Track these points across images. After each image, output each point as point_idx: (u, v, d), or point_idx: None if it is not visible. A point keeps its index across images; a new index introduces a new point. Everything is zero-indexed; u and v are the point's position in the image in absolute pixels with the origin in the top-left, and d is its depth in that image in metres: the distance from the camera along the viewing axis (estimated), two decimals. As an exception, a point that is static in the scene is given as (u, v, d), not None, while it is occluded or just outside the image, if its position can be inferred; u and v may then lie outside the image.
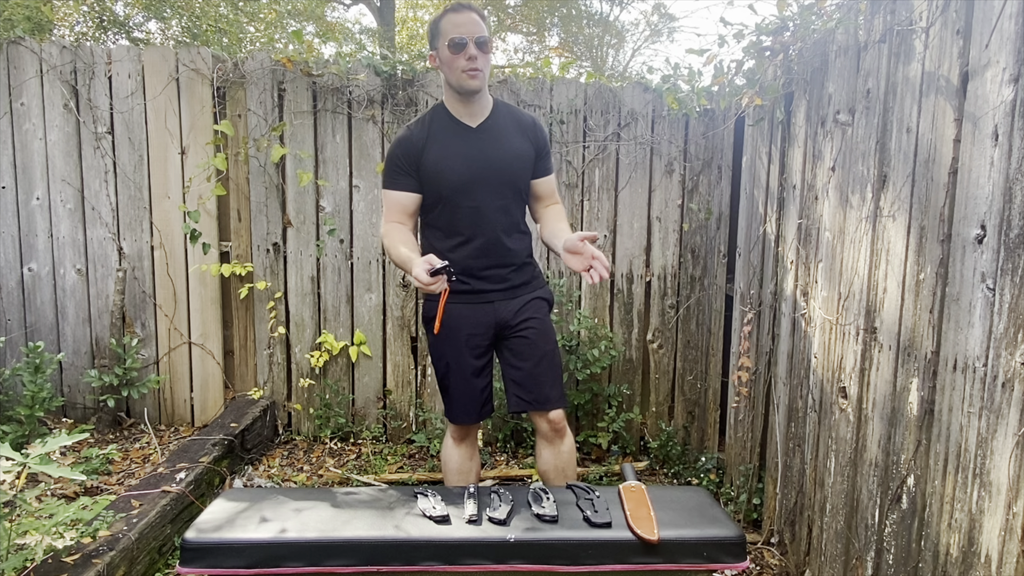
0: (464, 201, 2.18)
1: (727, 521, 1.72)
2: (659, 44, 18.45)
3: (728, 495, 3.05)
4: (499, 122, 2.24)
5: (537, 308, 2.30)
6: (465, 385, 2.27)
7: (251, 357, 3.67)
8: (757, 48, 2.64)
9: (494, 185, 2.20)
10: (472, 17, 2.10)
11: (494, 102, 2.26)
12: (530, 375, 2.25)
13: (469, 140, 2.20)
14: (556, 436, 2.30)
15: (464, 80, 2.11)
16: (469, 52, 2.08)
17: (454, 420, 2.32)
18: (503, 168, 2.21)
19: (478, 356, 2.27)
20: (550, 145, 2.35)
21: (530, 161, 2.28)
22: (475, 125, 2.21)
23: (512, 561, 1.62)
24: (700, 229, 3.51)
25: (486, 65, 2.13)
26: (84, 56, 3.47)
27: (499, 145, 2.21)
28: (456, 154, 2.18)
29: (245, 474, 3.20)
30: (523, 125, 2.28)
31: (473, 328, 2.24)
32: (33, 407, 3.07)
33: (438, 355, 2.30)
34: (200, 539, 1.60)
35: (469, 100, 2.18)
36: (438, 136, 2.20)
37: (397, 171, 2.22)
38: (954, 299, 1.53)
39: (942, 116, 1.59)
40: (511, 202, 2.25)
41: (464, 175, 2.17)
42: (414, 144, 2.20)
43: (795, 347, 2.47)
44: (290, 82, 3.47)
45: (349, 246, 3.57)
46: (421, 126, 2.23)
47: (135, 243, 3.58)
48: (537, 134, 2.30)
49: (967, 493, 1.49)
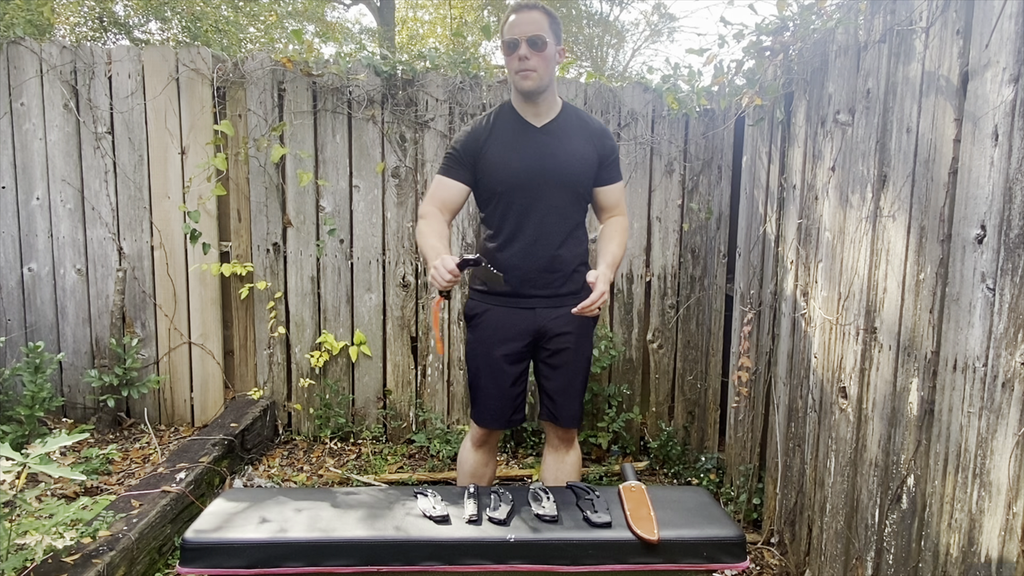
0: (517, 199, 2.16)
1: (727, 521, 1.72)
2: (659, 44, 18.45)
3: (728, 495, 3.05)
4: (564, 124, 2.21)
5: (580, 322, 2.24)
6: (496, 390, 2.25)
7: (251, 357, 3.67)
8: (757, 48, 2.64)
9: (550, 186, 2.17)
10: (528, 17, 2.08)
11: (563, 105, 2.25)
12: (561, 390, 2.27)
13: (530, 138, 2.18)
14: (563, 446, 2.34)
15: (518, 81, 2.12)
16: (520, 53, 2.07)
17: (479, 422, 2.29)
18: (561, 169, 2.17)
19: (513, 362, 2.23)
20: (617, 154, 2.30)
21: (592, 166, 2.22)
22: (539, 125, 2.20)
23: (512, 561, 1.62)
24: (700, 229, 3.51)
25: (541, 65, 2.09)
26: (84, 56, 3.47)
27: (560, 146, 2.18)
28: (514, 151, 2.17)
29: (245, 474, 3.20)
30: (590, 130, 2.24)
31: (509, 333, 2.21)
32: (33, 407, 3.07)
33: (472, 354, 2.28)
34: (200, 539, 1.60)
35: (533, 100, 2.17)
36: (500, 132, 2.19)
37: (455, 160, 2.21)
38: (954, 299, 1.53)
39: (942, 116, 1.59)
40: (567, 206, 2.21)
41: (519, 172, 2.15)
42: (477, 137, 2.20)
43: (795, 347, 2.47)
44: (290, 82, 3.47)
45: (349, 246, 3.57)
46: (487, 121, 2.23)
47: (135, 243, 3.58)
48: (604, 141, 2.25)
49: (967, 493, 1.49)
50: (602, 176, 2.27)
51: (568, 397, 2.28)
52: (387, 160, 3.51)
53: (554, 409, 2.29)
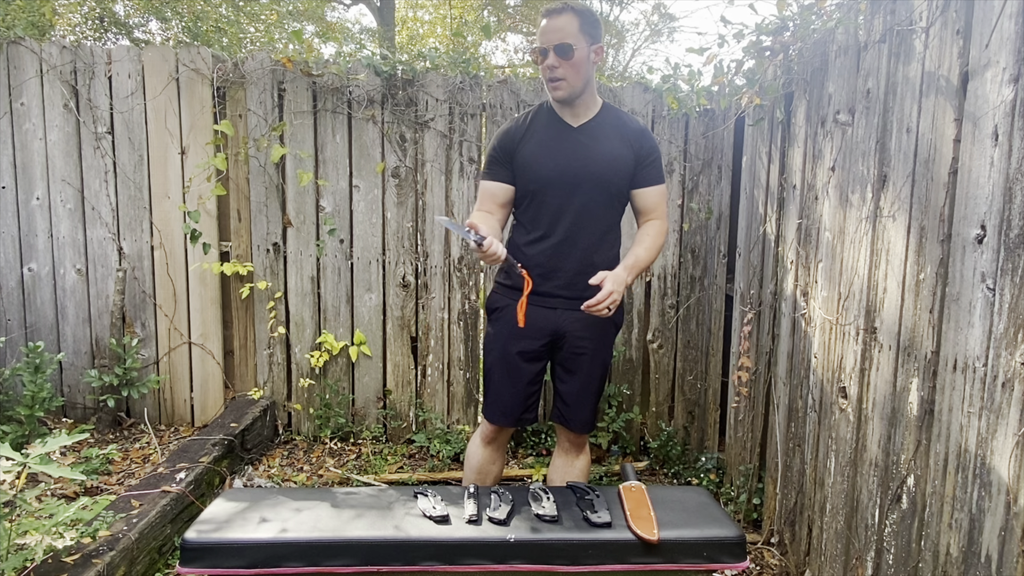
0: (549, 197, 2.16)
1: (727, 521, 1.72)
2: (659, 44, 18.44)
3: (728, 495, 3.05)
4: (601, 124, 2.20)
5: (601, 327, 2.22)
6: (509, 386, 2.24)
7: (251, 357, 3.67)
8: (757, 48, 2.64)
9: (583, 185, 2.15)
10: (557, 23, 2.04)
11: (603, 105, 2.23)
12: (576, 395, 2.26)
13: (566, 138, 2.18)
14: (574, 449, 2.35)
15: (549, 90, 2.12)
16: (548, 62, 2.06)
17: (489, 418, 2.29)
18: (594, 170, 2.15)
19: (529, 360, 2.23)
20: (658, 155, 2.25)
21: (627, 168, 2.19)
22: (576, 125, 2.20)
23: (512, 561, 1.62)
24: (700, 229, 3.51)
25: (571, 73, 2.06)
26: (84, 56, 3.47)
27: (595, 146, 2.17)
28: (549, 149, 2.17)
29: (245, 474, 3.20)
30: (627, 131, 2.21)
31: (530, 332, 2.19)
32: (33, 407, 3.07)
33: (489, 348, 2.28)
34: (200, 539, 1.60)
35: (569, 102, 2.16)
36: (536, 131, 2.19)
37: (493, 161, 2.22)
38: (954, 299, 1.53)
39: (942, 116, 1.59)
40: (601, 207, 2.18)
41: (552, 170, 2.15)
42: (512, 136, 2.20)
43: (795, 347, 2.47)
44: (290, 82, 3.47)
45: (349, 246, 3.57)
46: (524, 119, 2.23)
47: (135, 243, 3.58)
48: (642, 142, 2.21)
49: (967, 493, 1.49)
50: (640, 178, 2.23)
51: (582, 402, 2.27)
52: (387, 160, 3.51)
53: (567, 413, 2.28)
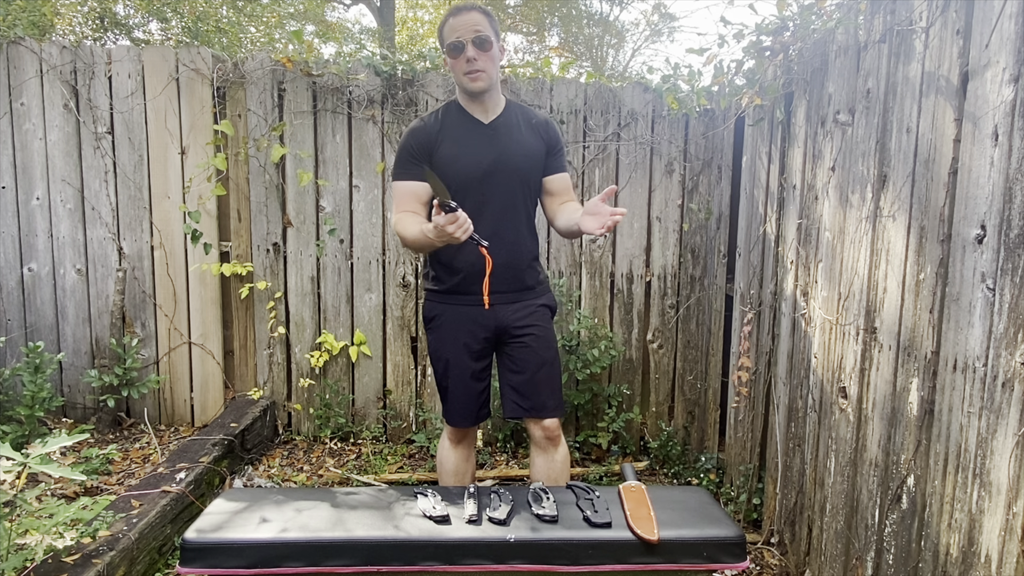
0: (472, 196, 2.16)
1: (727, 521, 1.72)
2: (659, 44, 18.45)
3: (728, 495, 3.05)
4: (511, 119, 2.24)
5: (540, 316, 2.27)
6: (463, 388, 2.26)
7: (251, 357, 3.67)
8: (757, 48, 2.64)
9: (503, 181, 2.19)
10: (470, 18, 2.09)
11: (507, 101, 2.27)
12: (528, 382, 2.24)
13: (481, 135, 2.20)
14: (550, 444, 2.28)
15: (466, 82, 2.13)
16: (467, 55, 2.08)
17: (451, 422, 2.32)
18: (513, 164, 2.20)
19: (477, 359, 2.26)
20: (563, 143, 2.35)
21: (541, 158, 2.27)
22: (487, 121, 2.22)
23: (512, 561, 1.62)
24: (700, 229, 3.51)
25: (488, 64, 2.11)
26: (84, 56, 3.47)
27: (510, 141, 2.21)
28: (468, 148, 2.18)
29: (245, 474, 3.20)
30: (534, 123, 2.28)
31: (472, 330, 2.23)
32: (33, 407, 3.07)
33: (436, 356, 2.30)
34: (200, 539, 1.60)
35: (480, 98, 2.19)
36: (451, 130, 2.20)
37: (410, 161, 2.21)
38: (954, 299, 1.53)
39: (942, 116, 1.59)
40: (520, 200, 2.24)
41: (475, 169, 2.17)
42: (428, 135, 2.20)
43: (795, 347, 2.47)
44: (290, 82, 3.47)
45: (349, 246, 3.57)
46: (435, 119, 2.23)
47: (135, 243, 3.58)
48: (549, 132, 2.30)
49: (967, 493, 1.49)
50: (550, 164, 2.30)
51: (538, 386, 2.23)
52: (387, 160, 3.51)
53: (527, 403, 2.23)
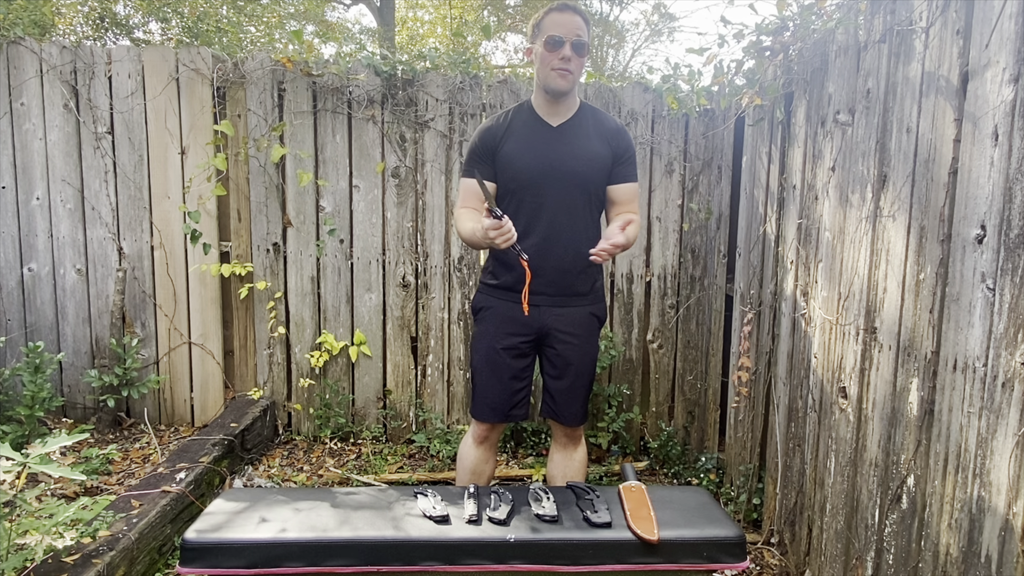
0: (530, 196, 2.17)
1: (727, 521, 1.72)
2: (659, 44, 18.45)
3: (728, 495, 3.05)
4: (580, 124, 2.23)
5: (586, 324, 2.26)
6: (496, 382, 2.26)
7: (251, 357, 3.67)
8: (757, 48, 2.64)
9: (563, 184, 2.18)
10: (575, 19, 2.10)
11: (581, 105, 2.26)
12: (566, 391, 2.28)
13: (546, 137, 2.20)
14: (571, 444, 2.37)
15: (553, 79, 2.12)
16: (564, 52, 2.09)
17: (478, 416, 2.31)
18: (574, 168, 2.18)
19: (516, 357, 2.25)
20: (633, 153, 2.31)
21: (605, 166, 2.24)
22: (556, 124, 2.22)
23: (512, 561, 1.62)
24: (700, 229, 3.51)
25: (578, 68, 2.13)
26: (84, 56, 3.47)
27: (575, 145, 2.20)
28: (529, 149, 2.19)
29: (245, 474, 3.20)
30: (605, 129, 2.25)
31: (514, 329, 2.23)
32: (33, 407, 3.07)
33: (475, 347, 2.30)
34: (200, 539, 1.60)
35: (555, 100, 2.19)
36: (517, 130, 2.21)
37: (474, 159, 2.24)
38: (954, 299, 1.53)
39: (942, 116, 1.59)
40: (579, 205, 2.21)
41: (534, 170, 2.17)
42: (493, 135, 2.22)
43: (795, 347, 2.47)
44: (290, 82, 3.47)
45: (349, 246, 3.57)
46: (504, 118, 2.25)
47: (135, 243, 3.58)
48: (619, 140, 2.26)
49: (967, 493, 1.49)
50: (616, 174, 2.27)
51: (571, 398, 2.29)
52: (387, 160, 3.51)
53: (557, 409, 2.30)
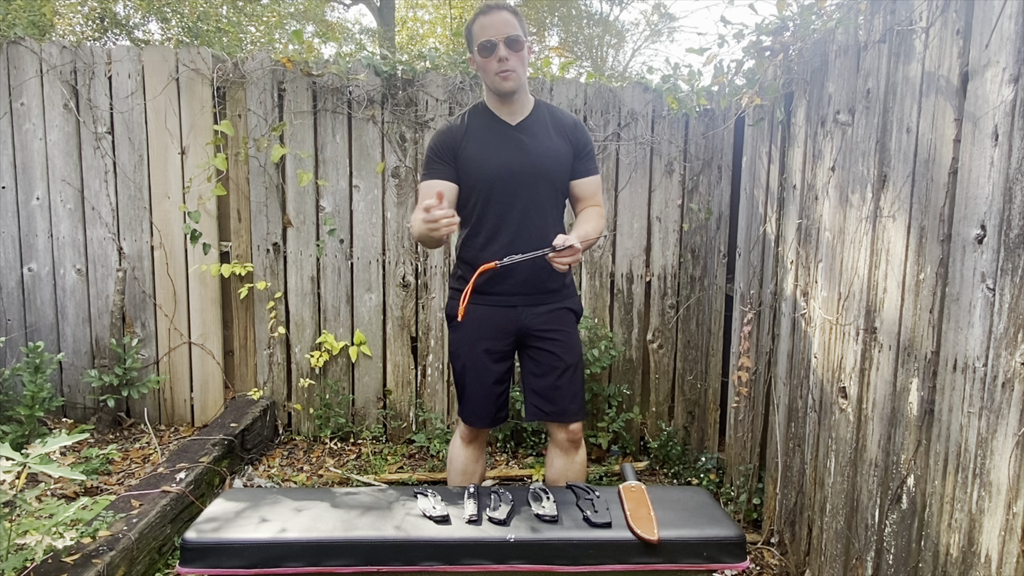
0: (496, 197, 2.17)
1: (727, 521, 1.72)
2: (659, 44, 18.46)
3: (728, 495, 3.05)
4: (538, 121, 2.23)
5: (564, 320, 2.26)
6: (481, 389, 2.25)
7: (251, 357, 3.67)
8: (757, 48, 2.64)
9: (528, 183, 2.18)
10: (501, 17, 2.09)
11: (535, 102, 2.26)
12: (552, 387, 2.24)
13: (507, 137, 2.20)
14: (572, 447, 2.31)
15: (498, 82, 2.12)
16: (499, 54, 2.08)
17: (466, 421, 2.31)
18: (538, 166, 2.19)
19: (497, 361, 2.24)
20: (593, 146, 2.32)
21: (567, 161, 2.25)
22: (514, 123, 2.21)
23: (512, 561, 1.62)
24: (700, 229, 3.51)
25: (519, 64, 2.12)
26: (84, 56, 3.47)
27: (536, 143, 2.20)
28: (492, 149, 2.18)
29: (245, 474, 3.20)
30: (563, 125, 2.26)
31: (493, 332, 2.22)
32: (33, 407, 3.07)
33: (456, 354, 2.28)
34: (200, 539, 1.60)
35: (508, 99, 2.19)
36: (477, 131, 2.21)
37: (435, 160, 2.22)
38: (954, 299, 1.53)
39: (942, 116, 1.59)
40: (545, 201, 2.22)
41: (499, 170, 2.17)
42: (453, 136, 2.21)
43: (795, 347, 2.47)
44: (290, 82, 3.47)
45: (349, 246, 3.57)
46: (461, 121, 2.24)
47: (135, 243, 3.58)
48: (577, 135, 2.27)
49: (967, 493, 1.49)
50: (578, 168, 2.28)
51: (564, 392, 2.25)
52: (387, 160, 3.51)
53: (552, 408, 2.25)
